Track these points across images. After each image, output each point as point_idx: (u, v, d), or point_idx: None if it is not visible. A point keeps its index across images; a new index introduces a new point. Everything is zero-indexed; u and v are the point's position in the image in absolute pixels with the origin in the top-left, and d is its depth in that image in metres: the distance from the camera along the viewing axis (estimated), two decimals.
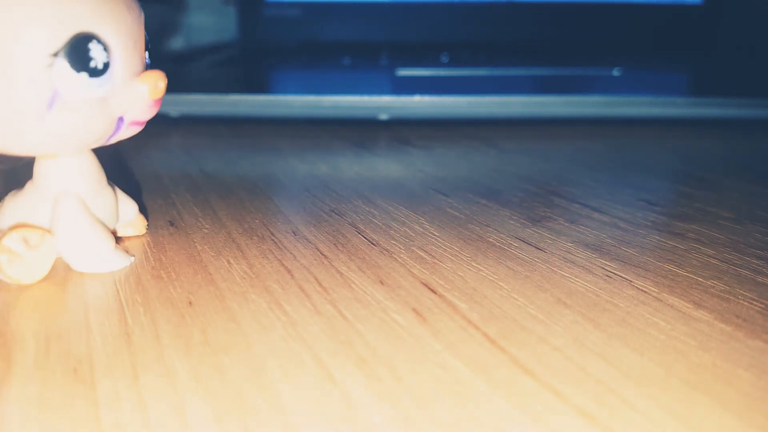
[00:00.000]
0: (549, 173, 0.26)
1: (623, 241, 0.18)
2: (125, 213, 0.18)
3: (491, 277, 0.16)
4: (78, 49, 0.14)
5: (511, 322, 0.13)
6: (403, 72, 0.43)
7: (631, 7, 0.57)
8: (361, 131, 0.33)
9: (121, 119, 0.15)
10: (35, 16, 0.13)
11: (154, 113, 0.16)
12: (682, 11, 0.58)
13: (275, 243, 0.18)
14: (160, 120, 0.16)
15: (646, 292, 0.15)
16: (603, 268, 0.16)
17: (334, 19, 0.57)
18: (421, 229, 0.19)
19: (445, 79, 0.42)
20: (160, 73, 0.15)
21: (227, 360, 0.12)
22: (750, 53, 0.58)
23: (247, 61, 0.54)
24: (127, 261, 0.16)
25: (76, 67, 0.14)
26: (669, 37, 0.58)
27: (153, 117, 0.16)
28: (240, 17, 0.59)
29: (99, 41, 0.14)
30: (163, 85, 0.15)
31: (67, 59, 0.13)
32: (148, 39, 0.16)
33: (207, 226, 0.19)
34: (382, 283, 0.15)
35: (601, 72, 0.44)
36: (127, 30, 0.15)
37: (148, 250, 0.17)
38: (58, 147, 0.15)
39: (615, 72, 0.44)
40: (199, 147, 0.30)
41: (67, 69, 0.14)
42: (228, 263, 0.16)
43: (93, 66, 0.14)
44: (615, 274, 0.16)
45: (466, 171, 0.26)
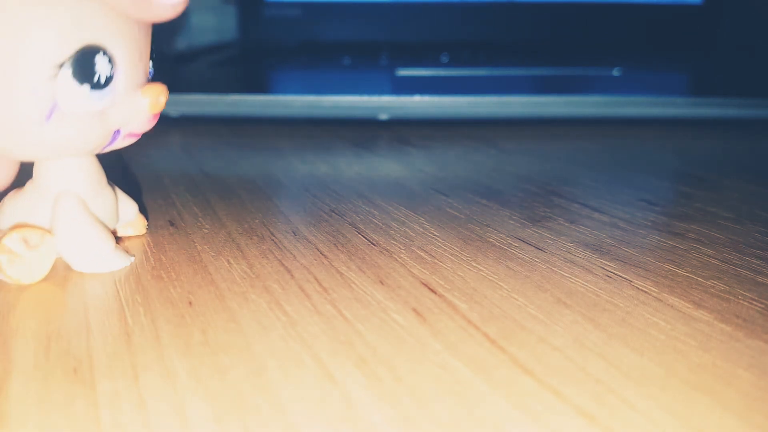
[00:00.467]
0: (549, 173, 0.26)
1: (623, 241, 0.18)
2: (125, 213, 0.18)
3: (491, 277, 0.16)
4: (83, 62, 0.13)
5: (511, 322, 0.13)
6: (403, 72, 0.43)
7: (631, 7, 0.57)
8: (361, 131, 0.33)
9: (118, 131, 0.15)
10: (46, 23, 0.13)
11: (152, 126, 0.16)
12: (682, 11, 0.58)
13: (275, 243, 0.18)
14: (160, 120, 0.16)
15: (646, 292, 0.15)
16: (603, 268, 0.16)
17: (334, 19, 0.57)
18: (421, 229, 0.19)
19: (445, 79, 0.42)
20: (162, 87, 0.15)
21: (227, 360, 0.12)
22: (750, 53, 0.58)
23: (247, 61, 0.54)
24: (127, 261, 0.16)
25: (79, 79, 0.13)
26: (669, 37, 0.58)
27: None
28: (240, 17, 0.59)
29: (105, 54, 0.14)
30: (164, 100, 0.15)
31: (72, 71, 0.13)
32: (152, 48, 0.15)
33: (207, 226, 0.19)
34: (382, 283, 0.15)
35: (601, 72, 0.44)
36: (135, 43, 0.14)
37: (148, 250, 0.17)
38: (53, 154, 0.15)
39: (615, 72, 0.44)
40: (199, 147, 0.30)
41: (70, 80, 0.13)
42: (228, 263, 0.16)
43: (96, 80, 0.14)
44: (615, 274, 0.16)
45: (466, 171, 0.26)
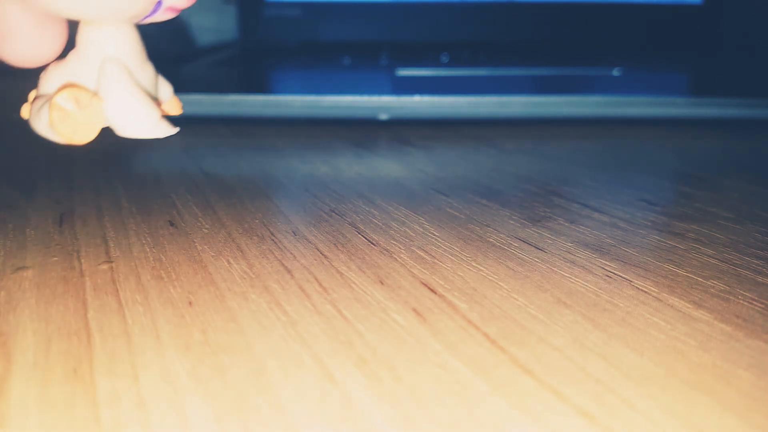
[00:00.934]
0: (549, 173, 0.26)
1: (623, 241, 0.18)
2: (162, 92, 0.17)
3: (491, 277, 0.16)
4: None
5: (511, 322, 0.13)
6: (403, 72, 0.43)
7: (631, 7, 0.57)
8: (361, 131, 0.33)
9: (160, 2, 0.15)
10: None
11: (191, 3, 0.15)
12: (682, 11, 0.58)
13: (275, 243, 0.18)
14: None
15: (646, 292, 0.15)
16: (603, 268, 0.16)
17: (334, 19, 0.57)
18: (421, 229, 0.19)
19: (445, 79, 0.42)
20: None
21: (227, 360, 0.12)
22: (750, 53, 0.58)
23: (247, 61, 0.54)
24: (173, 130, 0.16)
25: None
26: (669, 37, 0.58)
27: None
28: (240, 17, 0.59)
29: None
30: None
31: None
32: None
33: (207, 226, 0.19)
34: (382, 283, 0.15)
35: (601, 72, 0.44)
36: None
37: (148, 250, 0.17)
38: (97, 12, 0.14)
39: (615, 72, 0.44)
40: (199, 147, 0.30)
41: None
42: (228, 263, 0.16)
43: None
44: (615, 274, 0.16)
45: (466, 171, 0.26)
